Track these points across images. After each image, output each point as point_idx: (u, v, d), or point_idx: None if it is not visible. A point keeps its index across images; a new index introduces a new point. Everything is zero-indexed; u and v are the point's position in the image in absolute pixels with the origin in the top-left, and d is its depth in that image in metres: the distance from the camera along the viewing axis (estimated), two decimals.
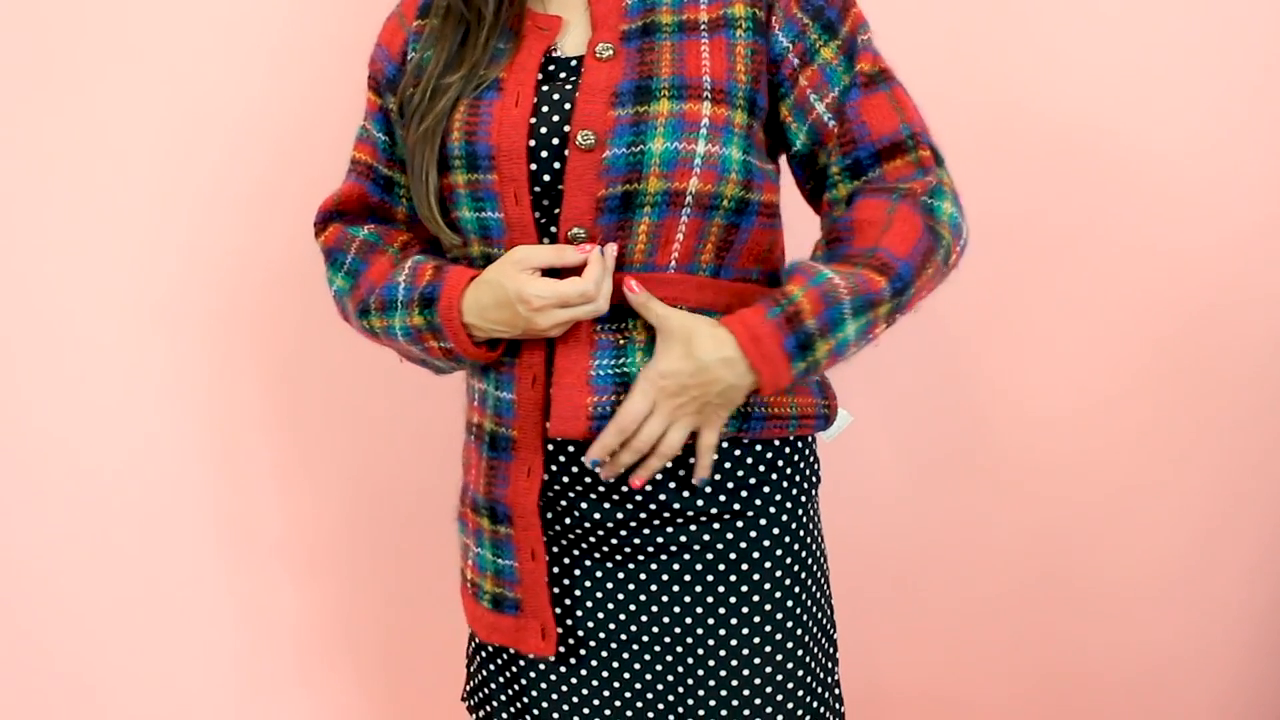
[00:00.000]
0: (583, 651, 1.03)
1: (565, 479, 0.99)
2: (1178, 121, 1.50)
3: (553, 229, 0.95)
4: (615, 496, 0.99)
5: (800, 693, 1.02)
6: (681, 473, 0.98)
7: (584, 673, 1.03)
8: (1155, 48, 1.49)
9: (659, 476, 0.98)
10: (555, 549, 1.02)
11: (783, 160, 1.04)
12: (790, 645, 1.01)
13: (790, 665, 1.01)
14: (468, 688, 1.15)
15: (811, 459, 1.06)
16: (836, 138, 0.95)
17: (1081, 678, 1.69)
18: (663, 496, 0.98)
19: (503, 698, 1.09)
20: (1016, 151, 1.52)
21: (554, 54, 0.97)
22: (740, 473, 0.99)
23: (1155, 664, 1.67)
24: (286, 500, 1.66)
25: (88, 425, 1.60)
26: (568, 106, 0.94)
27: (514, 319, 0.93)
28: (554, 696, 1.05)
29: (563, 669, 1.04)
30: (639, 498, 0.98)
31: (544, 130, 0.94)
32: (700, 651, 1.00)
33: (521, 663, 1.06)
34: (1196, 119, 1.50)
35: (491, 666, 1.10)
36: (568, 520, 1.01)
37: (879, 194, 0.93)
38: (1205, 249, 1.54)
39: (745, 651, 1.00)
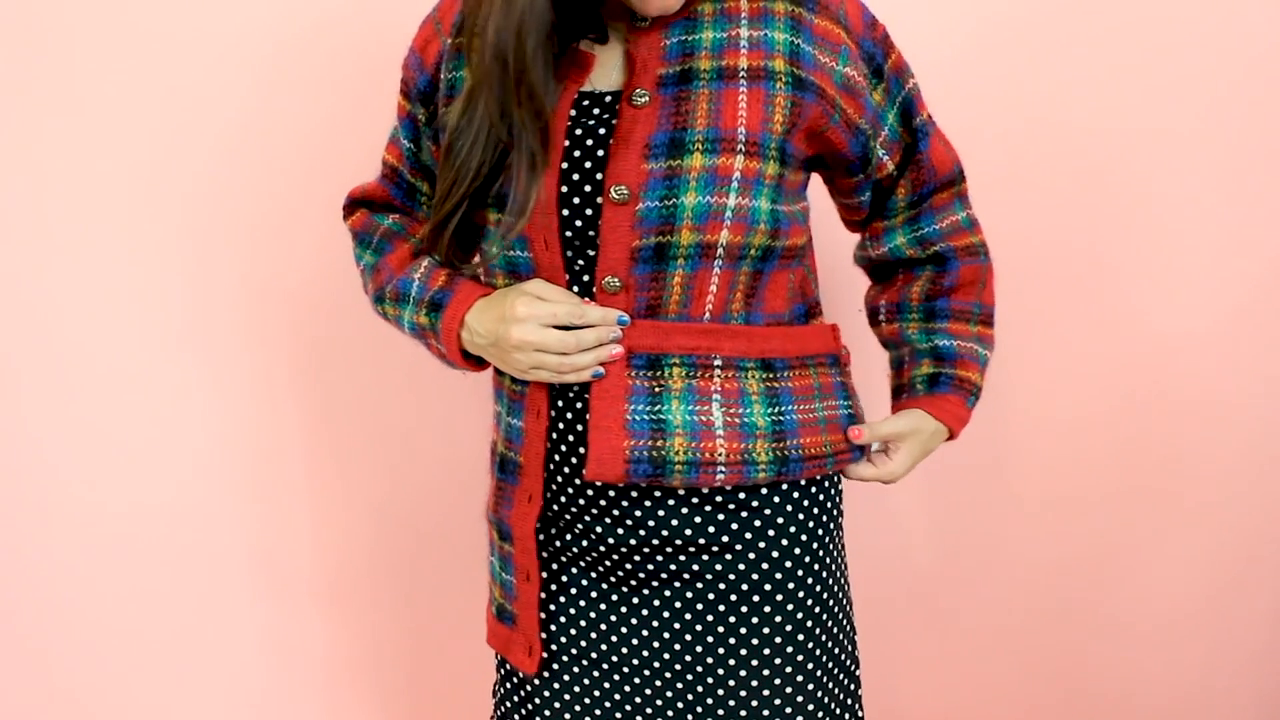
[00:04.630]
0: (596, 673, 1.04)
1: (565, 495, 1.01)
2: (1199, 136, 1.50)
3: (585, 277, 0.96)
4: (629, 522, 0.99)
5: None
6: (695, 500, 0.98)
7: (596, 694, 1.04)
8: (1178, 67, 1.48)
9: (670, 501, 0.98)
10: (558, 564, 1.04)
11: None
12: (803, 679, 1.00)
13: (803, 699, 1.00)
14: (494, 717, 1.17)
15: (834, 493, 1.06)
16: (904, 178, 1.07)
17: (1103, 700, 1.68)
18: (674, 522, 0.98)
19: (507, 706, 1.12)
20: (1035, 174, 1.51)
21: (587, 89, 0.98)
22: (767, 511, 0.99)
23: (1178, 688, 1.66)
24: (314, 532, 1.66)
25: (113, 454, 1.60)
26: (601, 153, 0.94)
27: (494, 327, 0.96)
28: (553, 709, 1.06)
29: (569, 685, 1.05)
30: (651, 523, 0.98)
31: (576, 177, 0.95)
32: (710, 681, 0.99)
33: (522, 675, 1.08)
34: (1217, 134, 1.49)
35: (507, 685, 1.12)
36: (569, 536, 1.02)
37: (972, 257, 1.10)
38: (1231, 269, 1.52)
39: (755, 683, 0.99)
